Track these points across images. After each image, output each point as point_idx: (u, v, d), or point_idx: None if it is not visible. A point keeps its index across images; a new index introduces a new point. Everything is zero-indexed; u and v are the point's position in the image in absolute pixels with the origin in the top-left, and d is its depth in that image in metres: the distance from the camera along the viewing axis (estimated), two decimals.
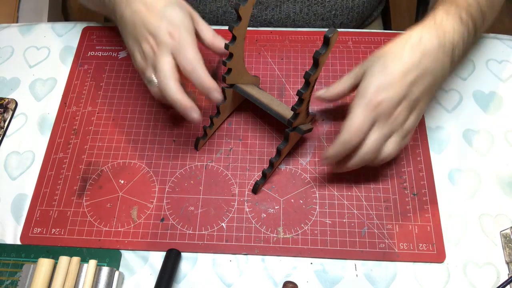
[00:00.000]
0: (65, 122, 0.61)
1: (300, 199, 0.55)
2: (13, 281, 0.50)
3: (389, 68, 0.47)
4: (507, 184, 0.55)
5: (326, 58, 0.44)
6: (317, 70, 0.45)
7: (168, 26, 0.49)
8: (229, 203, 0.55)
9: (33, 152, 0.59)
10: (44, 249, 0.53)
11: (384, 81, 0.47)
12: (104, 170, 0.57)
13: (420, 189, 0.55)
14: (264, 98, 0.55)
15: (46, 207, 0.55)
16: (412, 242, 0.52)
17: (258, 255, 0.52)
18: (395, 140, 0.50)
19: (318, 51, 0.43)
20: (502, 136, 0.59)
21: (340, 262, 0.51)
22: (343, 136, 0.48)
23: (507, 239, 0.51)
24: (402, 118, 0.49)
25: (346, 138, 0.47)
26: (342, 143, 0.48)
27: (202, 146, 0.58)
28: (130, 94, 0.63)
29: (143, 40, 0.50)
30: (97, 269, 0.49)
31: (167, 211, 0.55)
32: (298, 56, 0.65)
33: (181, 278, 0.51)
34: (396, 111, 0.48)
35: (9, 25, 0.70)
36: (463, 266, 0.51)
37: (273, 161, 0.53)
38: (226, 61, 0.51)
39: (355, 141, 0.47)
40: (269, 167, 0.54)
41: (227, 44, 0.50)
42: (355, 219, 0.54)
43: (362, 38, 0.66)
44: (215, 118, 0.56)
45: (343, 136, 0.48)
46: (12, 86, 0.64)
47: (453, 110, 0.61)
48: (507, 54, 0.64)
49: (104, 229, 0.54)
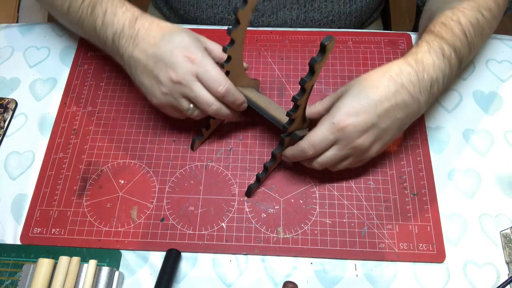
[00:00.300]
0: (65, 122, 0.61)
1: (300, 199, 0.55)
2: (13, 281, 0.50)
3: (363, 95, 0.48)
4: (507, 184, 0.55)
5: (322, 65, 0.44)
6: (313, 77, 0.44)
7: (183, 51, 0.49)
8: (229, 203, 0.55)
9: (33, 152, 0.59)
10: (44, 249, 0.53)
11: (355, 107, 0.47)
12: (104, 170, 0.57)
13: (420, 189, 0.55)
14: (261, 102, 0.55)
15: (46, 207, 0.55)
16: (412, 242, 0.52)
17: (258, 255, 0.52)
18: (351, 162, 0.52)
19: (314, 58, 0.43)
20: (502, 136, 0.59)
21: (340, 262, 0.51)
22: (302, 144, 0.50)
23: (507, 239, 0.51)
24: (364, 146, 0.49)
25: (303, 147, 0.49)
26: (299, 151, 0.50)
27: (198, 146, 0.58)
28: (130, 94, 0.63)
29: (161, 74, 0.50)
30: (97, 269, 0.49)
31: (167, 211, 0.55)
32: (298, 56, 0.65)
33: (181, 278, 0.51)
34: (359, 138, 0.48)
35: (9, 25, 0.70)
36: (463, 266, 0.51)
37: (268, 165, 0.53)
38: (224, 64, 0.51)
39: (311, 153, 0.50)
40: (263, 172, 0.54)
41: (225, 47, 0.49)
42: (355, 219, 0.54)
43: (362, 38, 0.66)
44: (212, 120, 0.56)
45: (302, 144, 0.50)
46: (12, 86, 0.64)
47: (453, 110, 0.61)
48: (507, 54, 0.64)
49: (104, 229, 0.54)
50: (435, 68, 0.50)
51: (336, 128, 0.48)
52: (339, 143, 0.49)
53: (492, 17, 0.55)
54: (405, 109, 0.49)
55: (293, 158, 0.52)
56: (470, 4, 0.53)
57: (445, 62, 0.51)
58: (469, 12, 0.53)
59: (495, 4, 0.55)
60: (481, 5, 0.54)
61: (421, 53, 0.50)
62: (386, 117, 0.48)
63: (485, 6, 0.54)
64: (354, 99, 0.48)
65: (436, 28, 0.52)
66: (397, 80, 0.48)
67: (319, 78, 0.63)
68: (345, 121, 0.47)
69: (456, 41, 0.51)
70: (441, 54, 0.50)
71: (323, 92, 0.62)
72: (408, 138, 0.58)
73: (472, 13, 0.53)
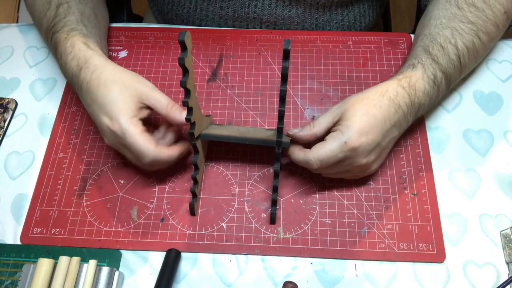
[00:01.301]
0: (65, 122, 0.61)
1: (300, 199, 0.55)
2: (13, 281, 0.50)
3: (371, 115, 0.49)
4: (507, 184, 0.55)
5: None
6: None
7: (108, 121, 0.49)
8: (229, 203, 0.55)
9: (33, 152, 0.59)
10: (44, 249, 0.53)
11: (366, 126, 0.48)
12: (104, 170, 0.57)
13: (420, 189, 0.55)
14: (236, 133, 0.53)
15: (46, 207, 0.55)
16: (412, 242, 0.52)
17: (258, 255, 0.52)
18: (348, 176, 0.54)
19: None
20: (502, 136, 0.59)
21: (340, 262, 0.51)
22: (309, 157, 0.49)
23: (507, 239, 0.52)
24: (368, 164, 0.51)
25: (310, 161, 0.49)
26: (305, 162, 0.50)
27: (198, 209, 0.55)
28: None
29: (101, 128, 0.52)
30: (97, 269, 0.49)
31: (167, 211, 0.55)
32: (298, 56, 0.65)
33: (181, 278, 0.51)
34: (365, 157, 0.49)
35: (9, 25, 0.70)
36: (463, 266, 0.51)
37: (276, 184, 0.51)
38: (186, 100, 0.47)
39: (315, 168, 0.50)
40: (274, 192, 0.51)
41: (183, 81, 0.45)
42: (355, 219, 0.54)
43: (362, 38, 0.66)
44: (198, 176, 0.52)
45: (309, 157, 0.49)
46: (12, 86, 0.64)
47: (453, 110, 0.61)
48: (507, 54, 0.64)
49: (104, 229, 0.54)
50: (425, 94, 0.52)
51: (348, 148, 0.48)
52: (345, 161, 0.49)
53: (489, 39, 0.56)
54: (399, 128, 0.52)
55: (297, 163, 0.52)
56: (469, 27, 0.54)
57: (435, 88, 0.53)
58: (467, 36, 0.54)
59: (494, 27, 0.56)
60: (480, 28, 0.55)
61: (414, 77, 0.52)
62: (387, 136, 0.50)
63: (484, 29, 0.55)
64: (363, 118, 0.48)
65: (434, 51, 0.54)
66: (395, 101, 0.50)
67: (319, 78, 0.63)
68: (358, 141, 0.48)
69: (450, 67, 0.53)
70: (433, 82, 0.52)
71: (323, 92, 0.62)
72: (408, 138, 0.58)
73: (470, 37, 0.54)
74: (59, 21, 0.56)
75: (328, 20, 0.70)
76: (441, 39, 0.54)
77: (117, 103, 0.49)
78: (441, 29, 0.55)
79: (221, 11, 0.68)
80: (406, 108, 0.50)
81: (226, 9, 0.68)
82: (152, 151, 0.49)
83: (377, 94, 0.50)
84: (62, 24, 0.56)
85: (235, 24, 0.70)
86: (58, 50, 0.55)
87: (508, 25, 0.59)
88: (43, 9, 0.58)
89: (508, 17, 0.57)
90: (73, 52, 0.53)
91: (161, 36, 0.67)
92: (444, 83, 0.54)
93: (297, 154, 0.51)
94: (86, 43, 0.54)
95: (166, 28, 0.69)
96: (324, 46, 0.66)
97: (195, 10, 0.70)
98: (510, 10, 0.56)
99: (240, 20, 0.69)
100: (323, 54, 0.65)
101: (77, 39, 0.54)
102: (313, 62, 0.65)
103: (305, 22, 0.69)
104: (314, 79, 0.63)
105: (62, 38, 0.55)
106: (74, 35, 0.55)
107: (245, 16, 0.68)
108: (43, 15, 0.58)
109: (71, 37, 0.54)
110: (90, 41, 0.55)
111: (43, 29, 0.59)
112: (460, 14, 0.55)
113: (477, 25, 0.54)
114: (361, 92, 0.51)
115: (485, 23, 0.55)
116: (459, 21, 0.55)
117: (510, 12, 0.57)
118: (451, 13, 0.55)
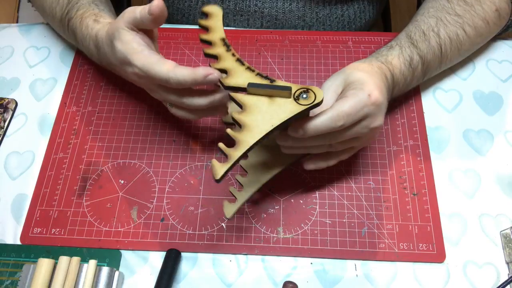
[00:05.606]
0: (65, 122, 0.61)
1: (300, 199, 0.55)
2: (13, 281, 0.50)
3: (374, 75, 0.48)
4: (507, 184, 0.55)
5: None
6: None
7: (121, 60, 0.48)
8: None
9: (33, 152, 0.59)
10: (44, 249, 0.53)
11: (377, 82, 0.47)
12: (104, 170, 0.57)
13: (420, 189, 0.55)
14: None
15: (46, 207, 0.55)
16: (412, 242, 0.52)
17: (258, 255, 0.52)
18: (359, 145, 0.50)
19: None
20: (502, 136, 0.59)
21: (340, 262, 0.51)
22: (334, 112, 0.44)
23: (507, 239, 0.52)
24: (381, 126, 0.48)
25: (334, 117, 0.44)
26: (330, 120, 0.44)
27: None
28: (130, 94, 0.63)
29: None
30: (97, 269, 0.49)
31: (167, 211, 0.55)
32: (298, 56, 0.65)
33: (181, 278, 0.51)
34: (383, 115, 0.48)
35: (9, 25, 0.70)
36: (463, 266, 0.51)
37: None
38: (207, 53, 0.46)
39: (339, 125, 0.44)
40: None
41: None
42: (355, 219, 0.54)
43: (362, 38, 0.66)
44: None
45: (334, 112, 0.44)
46: (12, 86, 0.64)
47: (453, 110, 0.61)
48: (507, 54, 0.64)
49: (104, 229, 0.54)
50: (401, 73, 0.53)
51: (371, 101, 0.45)
52: (366, 119, 0.46)
53: (476, 34, 0.57)
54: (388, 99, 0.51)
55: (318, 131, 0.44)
56: (455, 19, 0.55)
57: (410, 70, 0.53)
58: (451, 27, 0.55)
59: (484, 22, 0.56)
60: (467, 21, 0.56)
61: (391, 56, 0.53)
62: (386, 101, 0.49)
63: (470, 23, 0.56)
64: (372, 78, 0.47)
65: (415, 36, 0.54)
66: (381, 71, 0.50)
67: (319, 78, 0.63)
68: (380, 95, 0.46)
69: (429, 53, 0.54)
70: (409, 64, 0.53)
71: None
72: (408, 138, 0.58)
73: (454, 29, 0.55)
74: (73, 7, 0.58)
75: (328, 14, 0.70)
76: (425, 27, 0.55)
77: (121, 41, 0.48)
78: (427, 17, 0.56)
79: (223, 4, 0.68)
80: (390, 79, 0.51)
81: (228, 2, 0.68)
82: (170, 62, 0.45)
83: (366, 64, 0.50)
84: (76, 9, 0.57)
85: (236, 18, 0.70)
86: (77, 36, 0.57)
87: (503, 23, 0.59)
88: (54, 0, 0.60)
89: (501, 15, 0.57)
90: (87, 34, 0.55)
91: (161, 36, 0.67)
92: (420, 68, 0.54)
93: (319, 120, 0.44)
94: (96, 19, 0.55)
95: (166, 28, 0.69)
96: (324, 46, 0.66)
97: (196, 3, 0.70)
98: (503, 9, 0.57)
99: (241, 14, 0.69)
100: (323, 54, 0.65)
101: (90, 19, 0.55)
102: (313, 62, 0.65)
103: (306, 16, 0.69)
104: (314, 79, 0.63)
105: (78, 23, 0.56)
106: (87, 16, 0.56)
107: (246, 9, 0.68)
108: (56, 5, 0.60)
109: (84, 19, 0.56)
110: (101, 17, 0.56)
111: (56, 20, 0.60)
112: (448, 6, 0.56)
113: (464, 18, 0.55)
114: (353, 63, 0.51)
115: (472, 17, 0.56)
116: (446, 12, 0.56)
117: (503, 10, 0.57)
118: (440, 5, 0.57)
